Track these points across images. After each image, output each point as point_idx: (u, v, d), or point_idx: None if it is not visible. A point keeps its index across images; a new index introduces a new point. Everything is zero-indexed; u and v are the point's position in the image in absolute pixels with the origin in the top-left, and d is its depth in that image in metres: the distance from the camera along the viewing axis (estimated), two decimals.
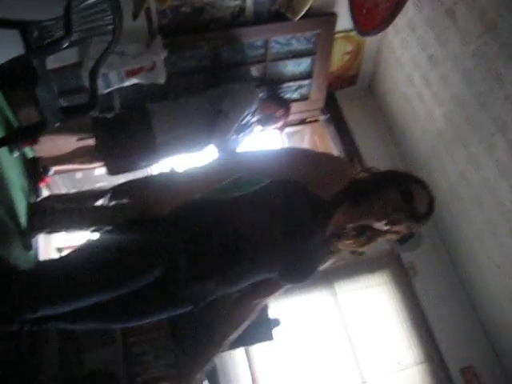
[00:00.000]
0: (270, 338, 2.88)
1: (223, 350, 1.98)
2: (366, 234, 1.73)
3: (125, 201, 3.21)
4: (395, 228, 1.68)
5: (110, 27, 2.67)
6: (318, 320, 3.55)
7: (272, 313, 2.99)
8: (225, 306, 1.96)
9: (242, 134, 3.49)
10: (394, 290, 3.69)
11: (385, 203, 1.64)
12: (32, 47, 2.37)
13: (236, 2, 3.33)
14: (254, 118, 3.52)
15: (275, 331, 2.92)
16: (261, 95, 3.67)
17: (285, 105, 3.67)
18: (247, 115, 3.39)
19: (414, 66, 3.55)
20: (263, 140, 4.22)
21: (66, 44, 2.42)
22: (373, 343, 3.54)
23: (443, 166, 3.50)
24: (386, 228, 1.67)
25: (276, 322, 2.96)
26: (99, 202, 3.35)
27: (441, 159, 3.51)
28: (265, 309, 2.93)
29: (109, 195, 3.31)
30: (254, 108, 3.41)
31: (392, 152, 4.12)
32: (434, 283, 3.67)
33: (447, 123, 3.33)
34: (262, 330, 2.87)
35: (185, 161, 3.58)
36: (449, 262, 3.76)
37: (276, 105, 3.62)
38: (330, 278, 3.65)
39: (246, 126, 3.49)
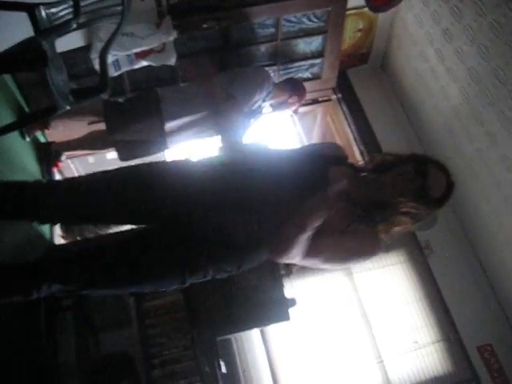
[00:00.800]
0: (286, 318, 2.87)
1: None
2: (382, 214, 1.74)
3: None
4: (406, 206, 1.68)
5: (119, 8, 2.64)
6: (333, 300, 3.54)
7: (288, 293, 2.98)
8: None
9: (252, 120, 3.42)
10: (409, 269, 3.67)
11: (397, 174, 1.70)
12: (40, 29, 2.35)
13: None
14: (266, 103, 3.44)
15: (291, 311, 2.92)
16: (272, 75, 3.62)
17: (299, 90, 3.48)
18: (258, 100, 3.31)
19: (427, 41, 3.48)
20: (273, 120, 4.18)
21: (75, 26, 2.39)
22: (389, 322, 3.52)
23: (459, 143, 3.45)
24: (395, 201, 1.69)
25: (292, 302, 2.95)
26: None
27: (456, 136, 3.46)
28: (281, 289, 2.93)
29: None
30: (265, 92, 3.31)
31: (406, 130, 4.07)
32: (450, 261, 3.64)
33: (463, 99, 3.27)
34: (278, 310, 2.86)
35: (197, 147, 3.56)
36: (465, 239, 3.72)
37: (290, 90, 3.43)
38: None
39: (257, 112, 3.42)
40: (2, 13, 2.58)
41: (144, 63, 3.36)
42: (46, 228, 3.24)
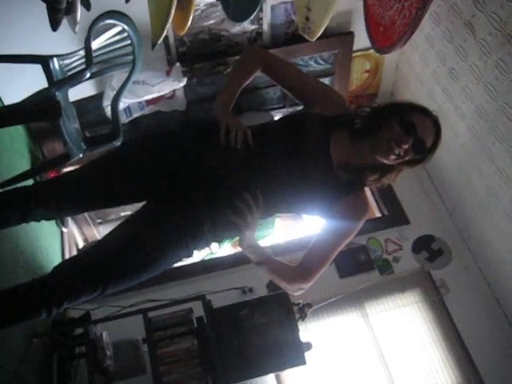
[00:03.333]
0: (302, 362, 2.82)
1: None
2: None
3: None
4: (404, 159, 1.66)
5: (130, 57, 2.71)
6: (349, 342, 3.47)
7: (303, 336, 2.94)
8: None
9: None
10: (426, 308, 3.60)
11: (387, 139, 1.61)
12: (54, 80, 2.41)
13: (253, 27, 3.36)
14: None
15: (307, 355, 2.87)
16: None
17: None
18: None
19: (434, 80, 3.51)
20: None
21: (87, 76, 2.46)
22: (407, 364, 3.44)
23: (471, 181, 3.44)
24: (395, 162, 1.67)
25: (308, 346, 2.90)
26: None
27: (468, 174, 3.45)
28: (296, 332, 2.89)
29: None
30: None
31: (416, 170, 4.07)
32: (468, 300, 3.58)
33: (472, 137, 3.27)
34: (294, 354, 2.82)
35: None
36: (481, 277, 3.67)
37: None
38: (361, 298, 3.58)
39: None
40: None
41: (155, 109, 3.42)
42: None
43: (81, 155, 2.57)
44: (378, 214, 4.09)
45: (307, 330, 3.37)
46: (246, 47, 3.37)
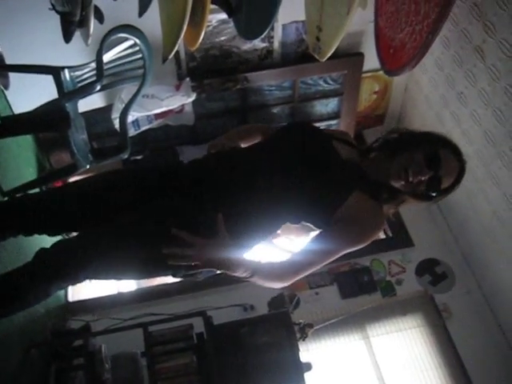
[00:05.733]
0: (302, 382, 2.79)
1: None
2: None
3: None
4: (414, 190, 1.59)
5: (140, 71, 2.73)
6: (350, 364, 3.44)
7: (303, 357, 2.91)
8: None
9: None
10: (427, 333, 3.56)
11: (407, 163, 1.56)
12: (64, 92, 2.43)
13: (263, 45, 3.38)
14: None
15: (307, 376, 2.84)
16: None
17: None
18: None
19: (442, 104, 3.52)
20: None
21: (98, 88, 2.47)
22: None
23: (476, 205, 3.43)
24: (404, 189, 1.59)
25: (308, 367, 2.87)
26: None
27: (474, 199, 3.44)
28: (296, 353, 2.86)
29: None
30: None
31: (421, 206, 4.06)
32: (470, 326, 3.54)
33: (479, 161, 3.27)
34: (293, 374, 2.79)
35: None
36: (484, 303, 3.64)
37: None
38: (362, 320, 3.55)
39: None
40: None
41: (163, 122, 3.44)
42: None
43: (87, 166, 2.58)
44: (383, 236, 4.08)
45: (307, 351, 3.34)
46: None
